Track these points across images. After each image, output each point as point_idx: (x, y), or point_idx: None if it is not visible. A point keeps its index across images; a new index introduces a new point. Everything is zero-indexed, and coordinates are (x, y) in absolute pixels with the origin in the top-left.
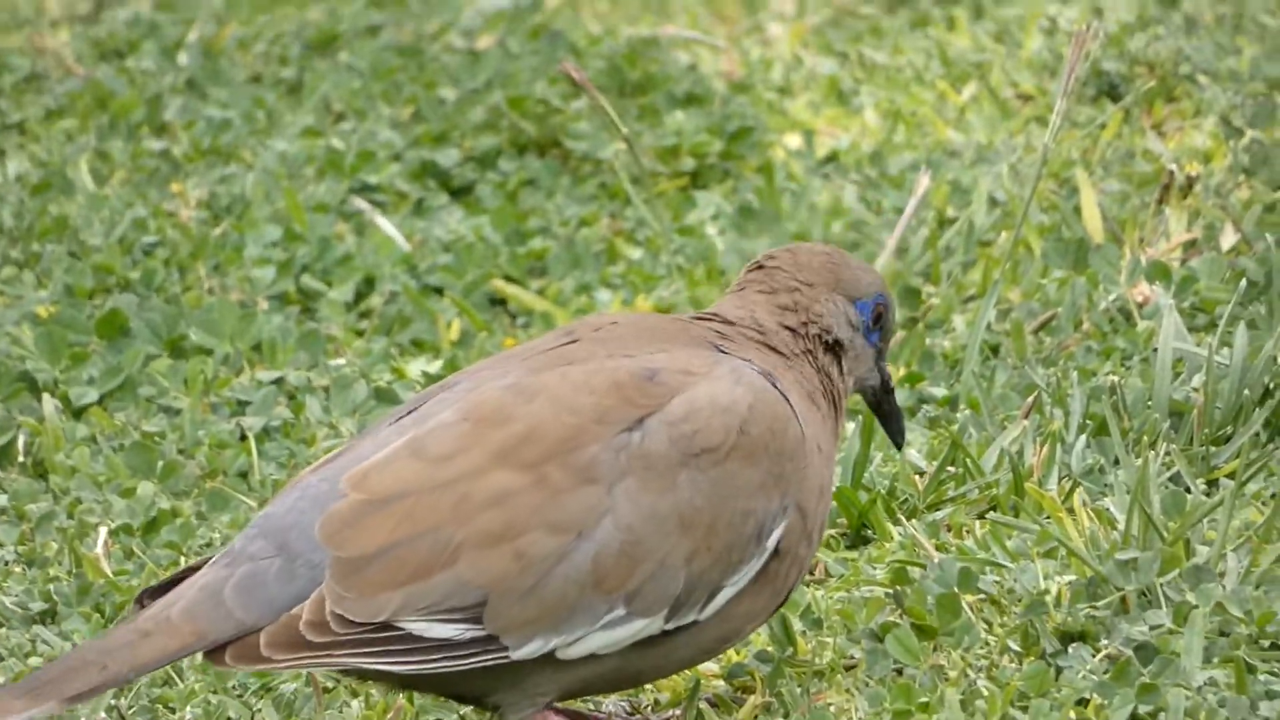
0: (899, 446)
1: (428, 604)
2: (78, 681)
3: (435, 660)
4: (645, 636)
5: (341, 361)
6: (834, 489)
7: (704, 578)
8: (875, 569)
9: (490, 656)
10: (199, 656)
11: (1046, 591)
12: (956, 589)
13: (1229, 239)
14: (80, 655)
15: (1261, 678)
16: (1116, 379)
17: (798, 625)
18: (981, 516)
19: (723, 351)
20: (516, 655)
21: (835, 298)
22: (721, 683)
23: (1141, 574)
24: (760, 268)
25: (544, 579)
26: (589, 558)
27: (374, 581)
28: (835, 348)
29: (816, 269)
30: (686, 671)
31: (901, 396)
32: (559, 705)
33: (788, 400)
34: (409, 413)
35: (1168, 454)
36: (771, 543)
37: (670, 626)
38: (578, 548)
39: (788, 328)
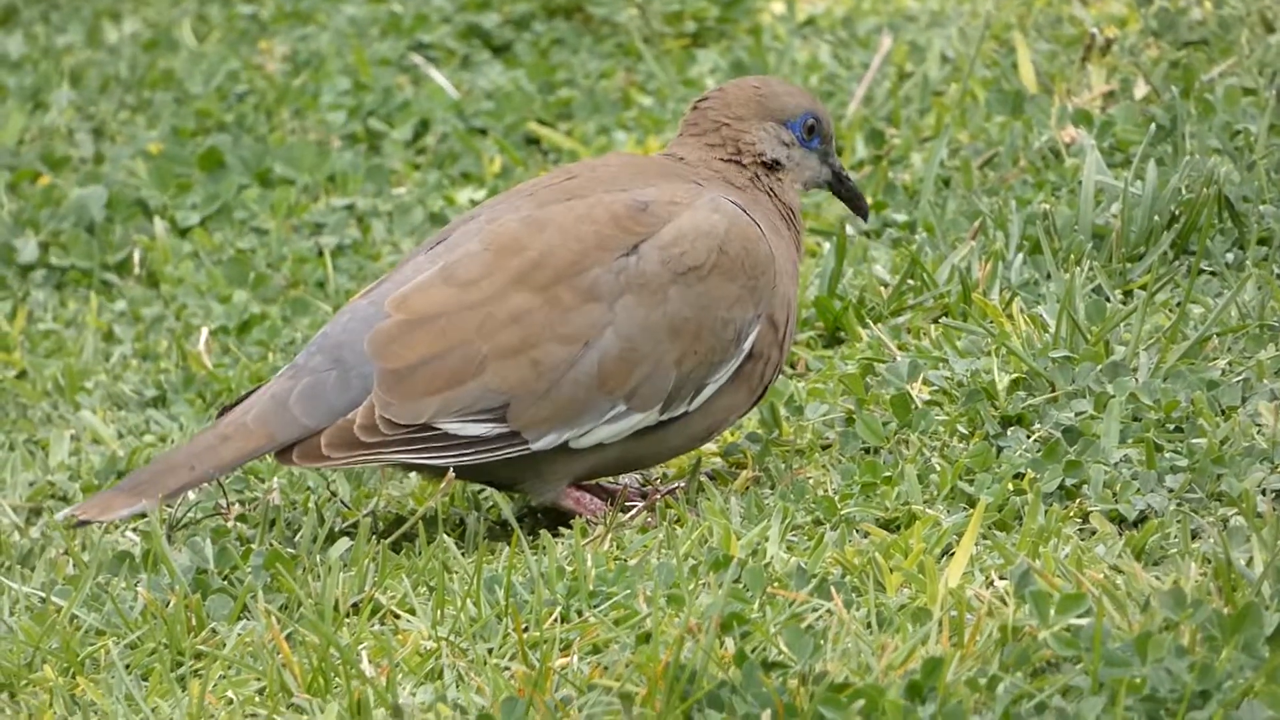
0: (864, 218)
1: (460, 407)
2: (170, 480)
3: (468, 454)
4: (643, 427)
5: (402, 190)
6: (805, 300)
7: (691, 376)
8: (847, 365)
9: (514, 449)
10: (269, 457)
11: (988, 377)
12: (907, 381)
13: (1141, 90)
14: (171, 458)
15: (1168, 455)
16: (1048, 207)
17: (783, 411)
18: (936, 321)
19: (699, 185)
20: (536, 447)
21: (765, 124)
22: (719, 460)
23: (1069, 369)
24: (695, 109)
25: (557, 383)
26: (594, 363)
27: (415, 389)
28: (774, 166)
29: (744, 103)
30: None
31: (870, 223)
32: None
33: (758, 225)
34: (439, 242)
35: (1091, 270)
36: (748, 345)
37: (664, 418)
38: (585, 355)
39: (727, 160)
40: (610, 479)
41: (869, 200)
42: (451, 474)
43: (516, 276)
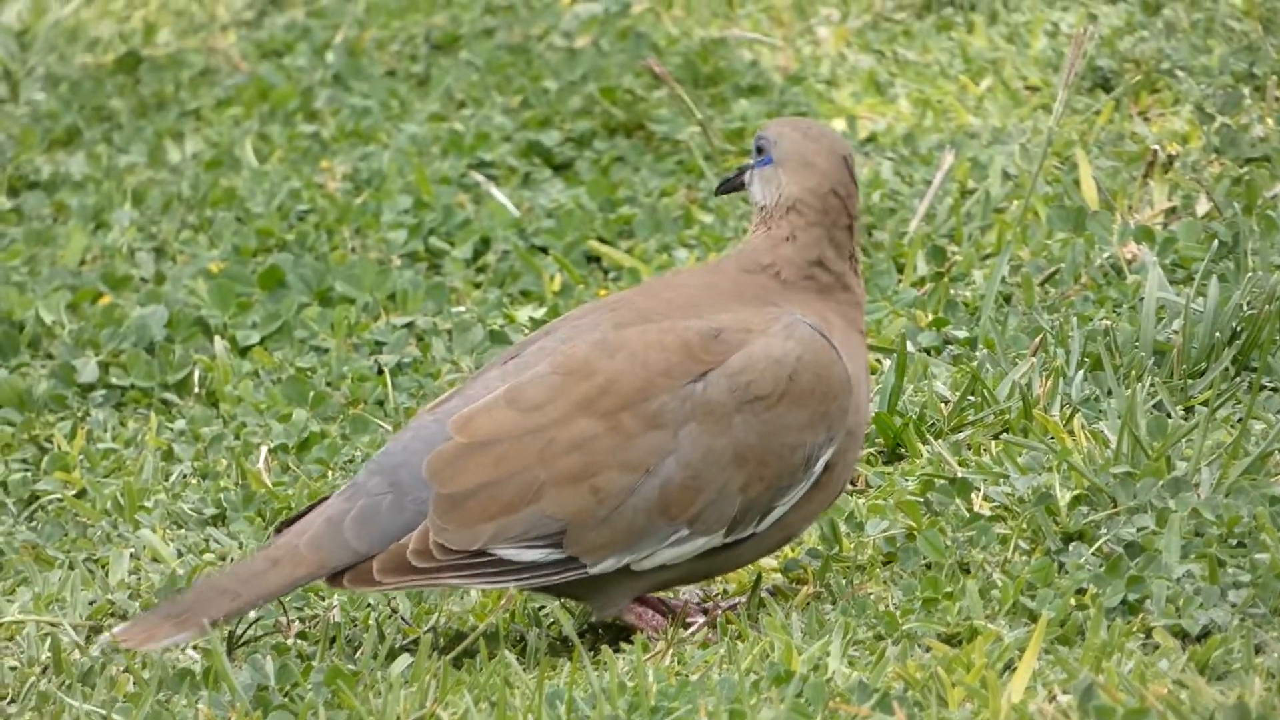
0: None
1: (515, 534)
2: (214, 608)
3: (523, 578)
4: (709, 548)
5: (462, 309)
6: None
7: (757, 501)
8: (907, 481)
9: (572, 573)
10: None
11: (1050, 494)
12: (958, 498)
13: (1203, 207)
14: (217, 583)
15: (1230, 570)
16: (1109, 323)
17: (843, 527)
18: (996, 437)
19: (778, 305)
20: (594, 571)
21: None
22: (779, 575)
23: (1130, 485)
24: (832, 193)
25: (617, 510)
26: (656, 490)
27: (470, 515)
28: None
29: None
30: (749, 565)
31: (929, 338)
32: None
33: (833, 345)
34: (513, 358)
35: (1152, 385)
36: (818, 468)
37: (730, 540)
38: (646, 483)
39: (848, 258)
40: (671, 593)
41: (929, 317)
42: (512, 590)
43: (582, 402)
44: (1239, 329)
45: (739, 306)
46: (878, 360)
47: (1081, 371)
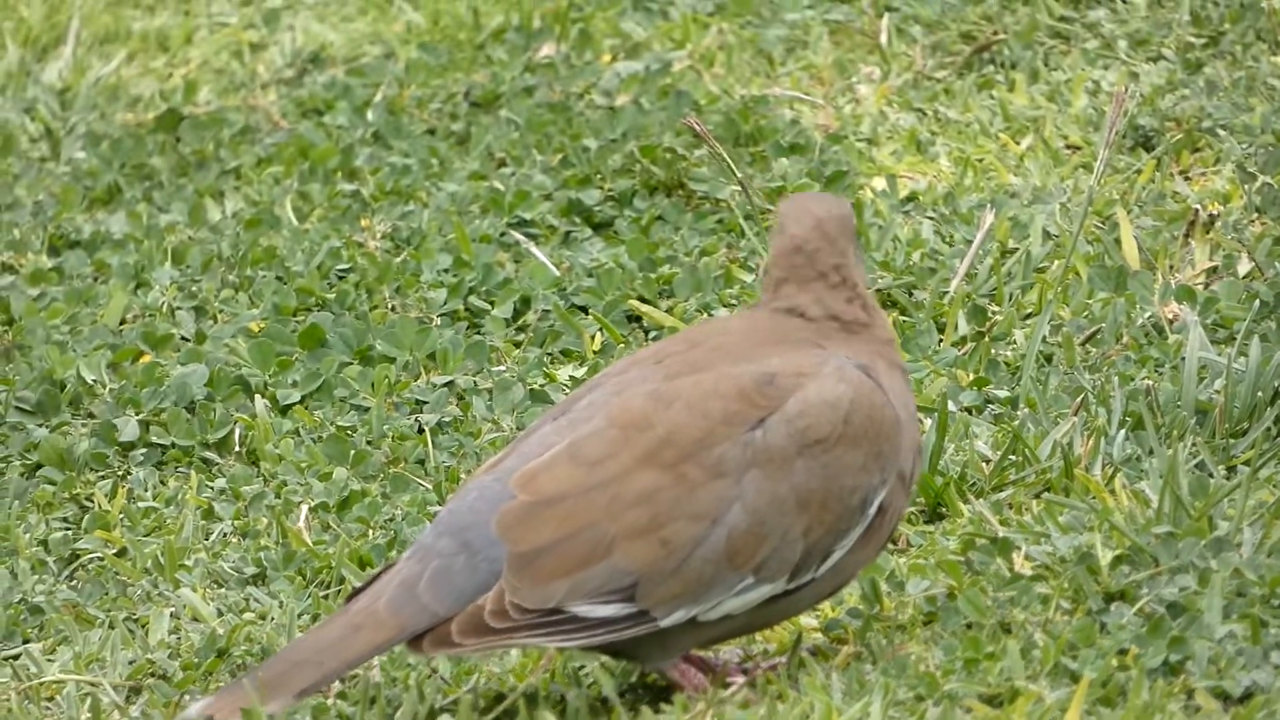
0: None
1: (589, 589)
2: (299, 679)
3: (598, 634)
4: (771, 596)
5: (502, 368)
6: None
7: (818, 545)
8: (948, 540)
9: (643, 627)
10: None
11: (1092, 553)
12: (999, 558)
13: (1245, 267)
14: (298, 652)
15: (1273, 632)
16: (1151, 383)
17: (884, 587)
18: (1038, 497)
19: (822, 347)
20: (664, 624)
21: (854, 249)
22: (820, 635)
23: (1172, 544)
24: (797, 249)
25: (686, 561)
26: (723, 539)
27: (543, 573)
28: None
29: (842, 232)
30: (790, 624)
31: (970, 397)
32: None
33: (881, 386)
34: (563, 413)
35: (1194, 445)
36: (873, 510)
37: (792, 587)
38: (713, 532)
39: (848, 301)
40: (712, 651)
41: (970, 376)
42: (553, 649)
43: (644, 455)
44: None
45: (786, 350)
46: (919, 419)
47: (1123, 431)
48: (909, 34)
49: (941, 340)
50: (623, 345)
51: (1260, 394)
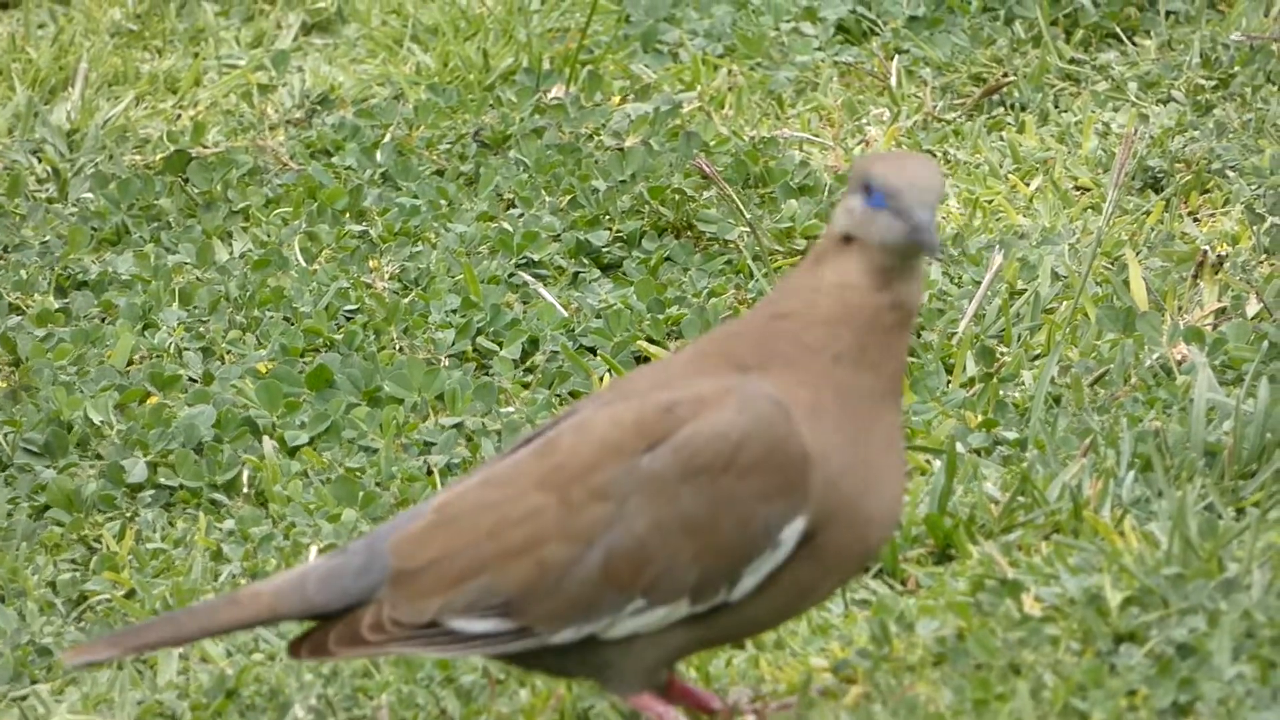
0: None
1: (462, 606)
2: (152, 634)
3: (479, 647)
4: (688, 615)
5: (511, 409)
6: (915, 517)
7: (716, 569)
8: (958, 581)
9: (531, 641)
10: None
11: (1101, 595)
12: (1008, 599)
13: (1253, 308)
14: (166, 615)
15: None
16: (1160, 424)
17: (893, 628)
18: (1047, 538)
19: (746, 374)
20: (555, 640)
21: (850, 199)
22: (829, 675)
23: (1181, 586)
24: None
25: (560, 580)
26: (599, 561)
27: (421, 589)
28: (848, 240)
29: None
30: (800, 665)
31: (978, 438)
32: (678, 683)
33: (793, 425)
34: (526, 442)
35: (1203, 487)
36: (786, 537)
37: (701, 608)
38: (589, 554)
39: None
40: (721, 691)
41: (978, 418)
42: (556, 698)
43: (539, 479)
44: None
45: (709, 379)
46: (927, 461)
47: (1132, 472)
48: (919, 75)
49: (950, 381)
50: None
51: (1269, 435)
